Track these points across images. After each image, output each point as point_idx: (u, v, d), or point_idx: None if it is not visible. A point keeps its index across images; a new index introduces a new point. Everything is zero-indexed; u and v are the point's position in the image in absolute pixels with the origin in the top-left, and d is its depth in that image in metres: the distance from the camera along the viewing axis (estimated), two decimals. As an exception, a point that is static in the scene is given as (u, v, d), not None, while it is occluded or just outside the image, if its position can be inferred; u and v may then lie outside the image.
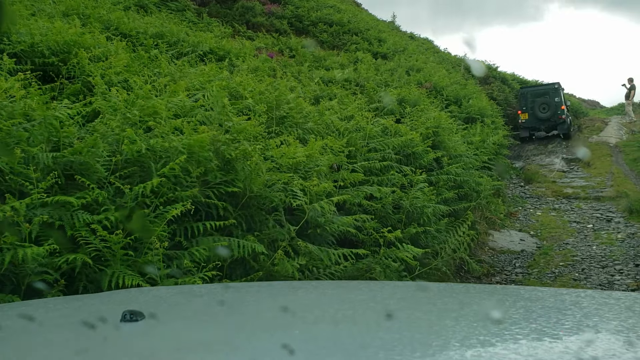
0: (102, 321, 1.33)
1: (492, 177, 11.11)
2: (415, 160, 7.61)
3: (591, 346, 1.08)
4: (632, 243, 9.43)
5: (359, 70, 14.49)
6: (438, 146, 8.57)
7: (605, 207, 12.48)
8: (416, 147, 7.61)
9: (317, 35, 20.28)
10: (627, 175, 15.01)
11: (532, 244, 9.89)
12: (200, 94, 6.03)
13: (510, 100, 23.23)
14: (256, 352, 1.11)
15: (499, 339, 1.14)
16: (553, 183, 15.00)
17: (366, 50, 19.49)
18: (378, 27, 23.58)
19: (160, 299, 1.81)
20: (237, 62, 10.72)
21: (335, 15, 21.41)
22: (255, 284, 2.94)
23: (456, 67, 21.90)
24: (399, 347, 1.10)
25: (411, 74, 16.70)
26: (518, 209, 12.44)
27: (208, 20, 16.43)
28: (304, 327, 1.34)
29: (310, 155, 4.84)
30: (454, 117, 13.84)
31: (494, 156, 12.23)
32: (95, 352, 1.15)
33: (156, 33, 10.69)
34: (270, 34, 17.70)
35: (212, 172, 3.66)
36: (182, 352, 1.14)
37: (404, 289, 2.13)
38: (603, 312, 1.44)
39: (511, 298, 1.66)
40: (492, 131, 13.15)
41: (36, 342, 1.25)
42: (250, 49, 13.28)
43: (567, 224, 11.17)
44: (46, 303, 2.00)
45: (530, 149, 19.72)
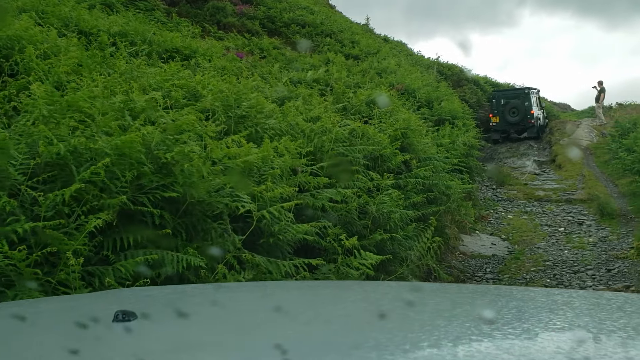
0: (94, 321, 1.29)
1: (463, 180, 10.83)
2: (383, 163, 7.26)
3: (583, 346, 1.07)
4: (604, 247, 9.20)
5: (330, 71, 14.15)
6: (407, 149, 8.23)
7: (576, 209, 12.28)
8: (384, 149, 7.26)
9: (289, 36, 19.94)
10: (597, 177, 14.87)
11: (504, 248, 9.61)
12: (155, 94, 5.63)
13: (483, 102, 23.09)
14: (249, 352, 1.10)
15: (491, 338, 1.14)
16: (525, 186, 14.80)
17: (339, 52, 19.19)
18: (351, 29, 23.31)
19: (152, 298, 1.78)
20: (203, 62, 10.29)
21: (308, 17, 21.08)
22: (248, 283, 2.85)
23: (429, 70, 21.69)
24: (392, 347, 1.09)
25: (383, 76, 16.44)
26: (490, 212, 12.19)
27: (177, 20, 15.95)
28: (297, 327, 1.32)
29: (265, 157, 4.45)
30: (426, 120, 13.58)
31: (465, 158, 11.96)
32: (88, 352, 1.12)
33: (119, 31, 10.23)
34: (242, 34, 17.29)
35: (146, 176, 3.25)
36: (175, 352, 1.12)
37: (397, 289, 2.10)
38: (595, 312, 1.43)
39: (503, 298, 1.64)
40: (463, 133, 12.88)
41: (27, 342, 1.23)
42: (219, 49, 12.85)
43: (539, 227, 10.93)
44: (37, 303, 1.96)
45: (503, 152, 19.57)
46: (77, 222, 2.81)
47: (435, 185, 7.93)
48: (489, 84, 26.37)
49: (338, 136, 6.46)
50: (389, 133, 7.98)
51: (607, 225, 10.73)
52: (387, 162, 7.24)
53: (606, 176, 14.90)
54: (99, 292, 2.43)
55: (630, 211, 11.42)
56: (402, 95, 14.55)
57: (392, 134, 8.01)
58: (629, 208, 11.66)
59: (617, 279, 7.48)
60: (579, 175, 15.23)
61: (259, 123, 5.80)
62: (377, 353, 1.05)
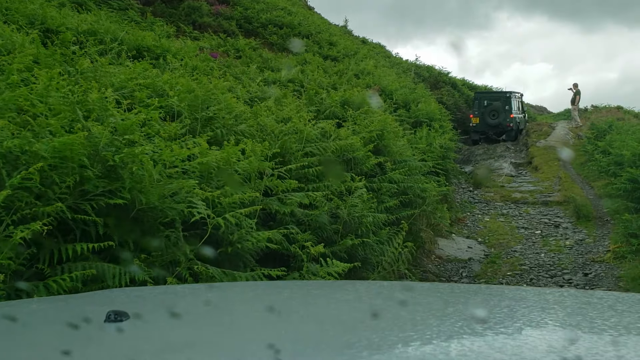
0: (86, 321, 1.28)
1: (439, 183, 10.65)
2: (356, 166, 7.02)
3: (574, 345, 1.06)
4: (581, 250, 9.06)
5: (306, 71, 13.91)
6: (382, 151, 8.01)
7: (553, 212, 12.17)
8: (357, 151, 7.03)
9: (266, 37, 19.76)
10: (574, 179, 14.80)
11: (480, 252, 9.43)
12: (107, 92, 5.33)
13: (460, 104, 23.02)
14: (242, 352, 1.10)
15: (483, 338, 1.14)
16: (501, 187, 14.68)
17: (316, 53, 19.00)
18: (329, 31, 23.13)
19: (144, 299, 1.76)
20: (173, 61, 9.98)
21: (285, 18, 20.89)
22: (240, 283, 2.82)
23: (407, 72, 21.55)
24: (384, 346, 1.09)
25: (361, 77, 16.25)
26: (466, 215, 12.02)
27: (152, 19, 15.62)
28: (290, 327, 1.31)
29: (226, 159, 4.18)
30: (403, 121, 13.39)
31: (442, 160, 11.79)
32: (80, 353, 1.10)
33: (88, 30, 9.91)
34: (218, 35, 17.00)
35: (90, 181, 2.96)
36: (167, 352, 1.11)
37: (390, 288, 2.09)
38: (586, 311, 1.42)
39: (495, 297, 1.64)
40: (440, 135, 12.70)
41: (19, 343, 1.21)
42: (192, 49, 12.54)
43: (515, 229, 10.78)
44: (29, 303, 1.92)
45: (480, 154, 19.47)
46: (4, 232, 2.51)
47: (410, 188, 7.72)
48: (466, 87, 26.33)
49: (309, 137, 6.21)
50: (364, 135, 7.76)
51: (583, 228, 10.61)
52: (360, 164, 7.00)
53: (582, 178, 14.84)
54: (91, 292, 2.37)
55: (606, 213, 11.33)
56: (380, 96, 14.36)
57: (367, 136, 7.79)
58: (604, 210, 11.57)
59: (594, 283, 7.33)
60: (555, 177, 15.15)
61: (226, 125, 5.53)
62: (369, 352, 1.05)
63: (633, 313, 1.41)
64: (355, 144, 7.07)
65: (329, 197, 5.60)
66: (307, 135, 6.18)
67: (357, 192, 5.83)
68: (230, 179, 3.96)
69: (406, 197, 7.68)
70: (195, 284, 3.06)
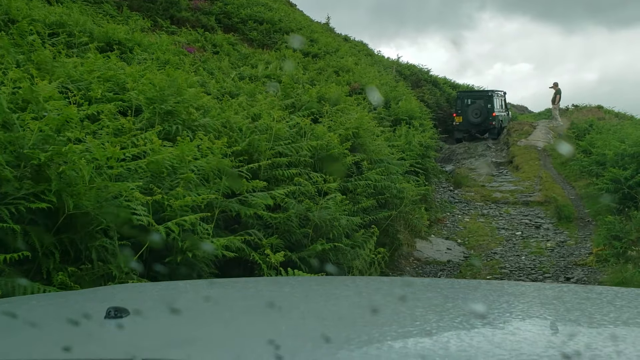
0: (87, 318, 1.27)
1: (418, 182, 10.32)
2: (331, 165, 6.63)
3: (573, 340, 1.07)
4: (562, 252, 8.76)
5: (285, 68, 13.49)
6: (359, 149, 7.64)
7: (534, 212, 11.89)
8: (332, 149, 6.64)
9: (246, 33, 19.43)
10: (555, 179, 14.54)
11: (459, 253, 9.10)
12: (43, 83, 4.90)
13: (442, 103, 22.75)
14: (242, 348, 1.07)
15: (482, 333, 1.14)
16: (482, 187, 14.38)
17: (297, 49, 18.64)
18: (311, 28, 22.77)
19: (145, 295, 1.72)
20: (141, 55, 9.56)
21: (266, 14, 20.53)
22: (241, 279, 2.77)
23: (388, 70, 21.22)
24: (384, 342, 1.09)
25: (341, 74, 15.88)
26: (446, 215, 11.69)
27: (128, 13, 15.14)
28: (290, 322, 1.30)
29: (180, 157, 3.77)
30: (382, 119, 13.03)
31: (421, 159, 11.45)
32: (80, 349, 1.07)
33: (56, 22, 9.45)
34: (196, 29, 16.57)
35: (9, 183, 2.54)
36: (168, 348, 1.09)
37: (389, 284, 2.06)
38: (585, 306, 1.41)
39: (495, 293, 1.62)
40: (420, 134, 12.37)
41: (20, 339, 1.18)
42: (167, 43, 12.09)
43: (496, 230, 10.47)
44: (29, 300, 1.88)
45: (460, 152, 19.19)
46: None
47: (387, 188, 7.35)
48: (448, 85, 26.06)
49: (280, 134, 5.81)
50: (339, 132, 7.38)
51: (564, 229, 10.33)
52: (336, 163, 6.62)
53: (563, 178, 14.59)
54: (91, 289, 2.25)
55: (588, 214, 11.07)
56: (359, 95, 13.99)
57: (343, 133, 7.40)
58: (586, 211, 11.31)
59: (576, 288, 7.00)
60: (536, 176, 14.89)
61: (187, 119, 5.11)
62: (369, 347, 1.05)
63: (632, 308, 1.39)
64: (333, 141, 6.68)
65: (299, 198, 5.21)
66: (278, 133, 5.78)
67: (330, 194, 5.44)
68: (184, 178, 3.55)
69: (383, 197, 7.31)
70: (196, 279, 3.04)
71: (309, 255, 4.87)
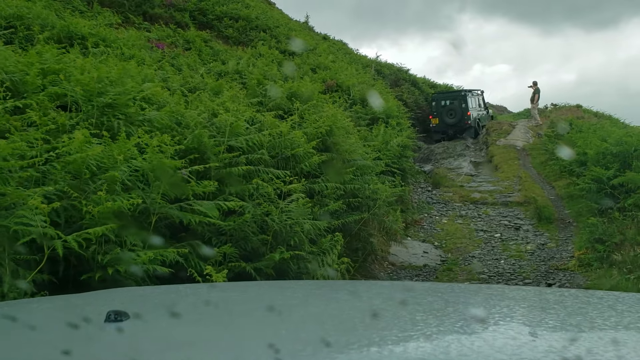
0: (87, 321, 1.26)
1: (394, 183, 9.84)
2: (297, 165, 6.11)
3: (574, 344, 1.06)
4: (543, 255, 8.32)
5: (257, 64, 12.94)
6: (331, 148, 7.13)
7: (513, 213, 11.46)
8: (297, 148, 6.12)
9: (221, 30, 18.94)
10: (534, 179, 14.15)
11: (436, 257, 8.63)
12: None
13: (421, 102, 22.34)
14: (242, 352, 1.08)
15: (483, 337, 1.13)
16: (461, 187, 13.94)
17: (274, 47, 18.16)
18: (289, 26, 22.28)
19: (145, 298, 1.71)
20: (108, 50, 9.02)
21: (242, 11, 20.02)
22: (242, 283, 2.74)
23: (367, 68, 20.76)
24: (384, 346, 1.08)
25: (318, 72, 15.40)
26: (423, 216, 11.23)
27: (98, 9, 14.50)
28: (290, 326, 1.29)
29: (112, 156, 3.23)
30: (359, 118, 12.55)
31: (398, 159, 10.98)
32: (80, 353, 1.07)
33: (13, 14, 8.85)
34: (168, 25, 16.02)
35: None
36: (167, 352, 1.09)
37: (390, 288, 2.05)
38: (586, 310, 1.40)
39: (495, 297, 1.61)
40: (397, 133, 11.90)
41: (19, 342, 1.18)
42: (135, 38, 11.52)
43: (474, 232, 10.02)
44: (29, 303, 1.87)
45: (439, 152, 18.76)
46: None
47: (359, 189, 6.85)
48: (427, 85, 25.64)
49: (236, 130, 5.27)
50: (308, 130, 6.86)
51: (545, 231, 9.90)
52: (301, 163, 6.10)
53: (543, 177, 14.19)
54: (91, 292, 2.18)
55: (569, 215, 10.66)
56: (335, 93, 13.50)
57: (313, 131, 6.89)
58: (566, 211, 10.91)
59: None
60: (515, 176, 14.49)
61: (129, 113, 4.55)
62: (369, 352, 1.04)
63: (633, 313, 1.37)
64: (297, 139, 6.16)
65: (257, 201, 4.68)
66: (234, 129, 5.25)
67: (296, 195, 4.92)
68: (107, 179, 3.00)
69: (355, 199, 6.81)
70: (196, 283, 3.01)
71: (266, 265, 4.35)
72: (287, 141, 6.07)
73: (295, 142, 6.20)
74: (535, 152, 16.50)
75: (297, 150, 6.05)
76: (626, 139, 9.28)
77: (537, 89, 20.44)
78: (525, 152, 17.12)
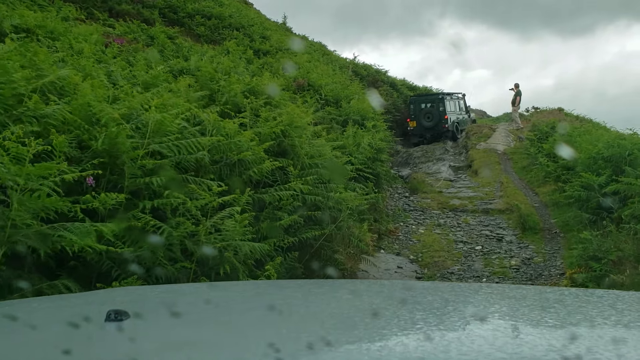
0: (87, 321, 1.24)
1: (366, 189, 8.81)
2: (244, 172, 5.04)
3: (575, 343, 1.04)
4: (529, 272, 7.33)
5: (223, 62, 11.85)
6: (288, 152, 6.07)
7: (495, 222, 10.49)
8: (246, 152, 5.05)
9: (192, 28, 17.94)
10: (516, 184, 13.20)
11: (411, 273, 7.60)
12: None
13: (399, 105, 21.37)
14: (242, 351, 1.07)
15: (483, 336, 1.11)
16: (439, 193, 12.94)
17: (247, 45, 17.18)
18: (264, 25, 21.28)
19: (145, 298, 1.68)
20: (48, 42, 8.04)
21: (215, 9, 19.05)
22: (241, 283, 2.66)
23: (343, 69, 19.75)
24: (385, 345, 1.07)
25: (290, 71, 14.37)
26: (399, 225, 10.20)
27: (60, 4, 13.37)
28: (290, 325, 1.28)
29: None
30: (332, 120, 11.53)
31: (372, 163, 9.96)
32: (80, 352, 1.06)
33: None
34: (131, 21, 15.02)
35: None
36: (168, 351, 1.08)
37: (390, 287, 2.00)
38: (586, 309, 1.38)
39: (496, 296, 1.59)
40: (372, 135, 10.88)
41: (20, 342, 1.16)
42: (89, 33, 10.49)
43: (453, 244, 9.01)
44: (30, 303, 1.81)
45: (418, 156, 17.76)
46: None
47: (320, 200, 5.79)
48: (406, 87, 24.66)
49: (165, 129, 4.19)
50: (263, 131, 5.80)
51: (530, 242, 8.93)
52: (248, 170, 5.03)
53: (525, 183, 13.24)
54: (91, 291, 2.14)
55: (555, 224, 9.70)
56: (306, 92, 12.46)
57: (268, 132, 5.83)
58: (552, 220, 9.94)
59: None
60: (496, 182, 13.54)
61: (13, 107, 3.46)
62: (369, 351, 1.03)
63: (633, 312, 1.35)
64: (246, 141, 5.10)
65: (175, 220, 3.61)
66: (162, 127, 4.17)
67: (223, 211, 3.84)
68: None
69: (316, 212, 5.76)
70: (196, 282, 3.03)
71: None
72: (232, 144, 5.01)
73: (243, 144, 5.14)
74: (517, 156, 15.57)
75: (245, 155, 4.99)
76: (618, 142, 8.33)
77: (519, 91, 19.56)
78: (506, 157, 16.19)
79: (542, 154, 12.57)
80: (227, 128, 5.12)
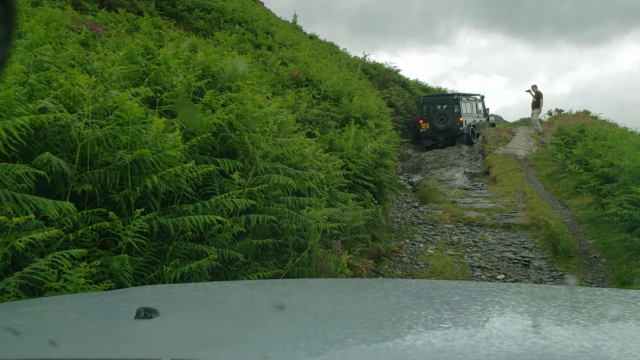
0: (117, 318, 1.24)
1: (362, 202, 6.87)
2: (142, 178, 3.12)
3: (606, 344, 0.96)
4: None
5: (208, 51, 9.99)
6: (235, 152, 4.14)
7: (518, 239, 8.43)
8: (161, 152, 3.14)
9: (191, 21, 16.26)
10: (541, 195, 11.09)
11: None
12: None
13: (411, 106, 19.33)
14: (270, 349, 0.99)
15: (512, 337, 1.05)
16: (453, 204, 10.89)
17: (249, 41, 15.41)
18: (270, 21, 19.47)
19: (174, 296, 1.62)
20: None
21: (217, 2, 17.31)
22: (268, 281, 2.50)
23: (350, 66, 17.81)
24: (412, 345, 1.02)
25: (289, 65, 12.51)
26: (404, 243, 8.20)
27: (43, -8, 11.64)
28: (317, 324, 1.18)
29: None
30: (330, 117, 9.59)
31: (374, 170, 8.01)
32: (110, 349, 1.03)
33: None
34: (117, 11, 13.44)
35: None
36: (195, 348, 1.03)
37: (417, 286, 1.79)
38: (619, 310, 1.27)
39: (525, 296, 1.50)
40: (375, 136, 8.91)
41: (52, 338, 1.08)
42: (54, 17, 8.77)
43: (469, 270, 6.98)
44: (62, 300, 1.72)
45: (430, 161, 15.69)
46: None
47: (277, 222, 3.84)
48: (419, 87, 22.58)
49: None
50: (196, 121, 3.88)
51: (563, 269, 6.88)
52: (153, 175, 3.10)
53: (552, 194, 11.14)
54: (121, 289, 2.04)
55: (593, 246, 7.63)
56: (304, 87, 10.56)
57: (207, 122, 3.91)
58: (589, 241, 7.87)
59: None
60: (518, 191, 11.46)
61: None
62: (396, 349, 0.98)
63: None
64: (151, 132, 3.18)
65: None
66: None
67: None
68: None
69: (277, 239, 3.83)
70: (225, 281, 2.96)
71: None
72: (133, 132, 3.09)
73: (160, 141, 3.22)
74: (540, 162, 13.44)
75: (143, 152, 3.05)
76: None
77: (540, 93, 17.33)
78: (528, 163, 14.05)
79: (572, 160, 10.46)
80: (128, 110, 3.20)
